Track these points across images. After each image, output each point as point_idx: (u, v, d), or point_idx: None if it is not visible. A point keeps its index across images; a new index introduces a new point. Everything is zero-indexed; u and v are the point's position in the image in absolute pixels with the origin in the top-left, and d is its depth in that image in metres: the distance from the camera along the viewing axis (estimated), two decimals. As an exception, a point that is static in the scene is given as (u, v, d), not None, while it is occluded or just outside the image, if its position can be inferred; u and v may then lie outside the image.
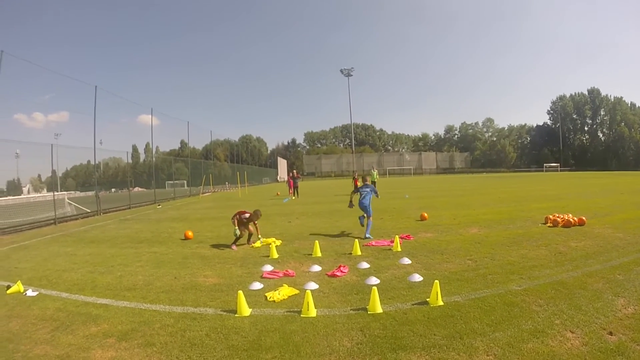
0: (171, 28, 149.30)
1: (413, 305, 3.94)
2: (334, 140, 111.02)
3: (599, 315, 3.46)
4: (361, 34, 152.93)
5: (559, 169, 74.35)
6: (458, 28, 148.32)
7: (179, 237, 9.05)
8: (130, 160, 26.86)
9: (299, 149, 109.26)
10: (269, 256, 6.49)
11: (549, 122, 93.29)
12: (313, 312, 3.78)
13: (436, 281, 4.05)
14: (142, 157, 48.78)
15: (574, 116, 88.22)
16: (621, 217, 9.34)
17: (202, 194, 29.57)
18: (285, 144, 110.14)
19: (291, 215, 12.65)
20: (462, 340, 3.10)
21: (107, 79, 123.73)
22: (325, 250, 6.77)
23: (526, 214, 10.51)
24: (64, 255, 7.53)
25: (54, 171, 16.82)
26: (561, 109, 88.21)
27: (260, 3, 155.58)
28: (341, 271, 5.29)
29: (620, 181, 27.82)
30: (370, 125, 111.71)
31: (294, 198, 21.28)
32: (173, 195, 26.80)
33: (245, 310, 3.90)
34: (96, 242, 9.03)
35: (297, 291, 4.52)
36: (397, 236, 7.00)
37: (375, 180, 22.79)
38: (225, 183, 41.47)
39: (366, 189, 8.38)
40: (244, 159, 69.03)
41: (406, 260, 5.77)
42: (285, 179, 37.16)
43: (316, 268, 5.58)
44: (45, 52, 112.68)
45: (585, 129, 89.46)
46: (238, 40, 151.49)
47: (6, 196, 19.07)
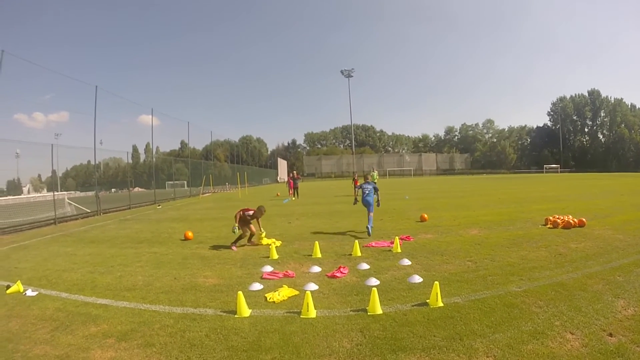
0: (171, 28, 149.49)
1: (413, 306, 3.94)
2: (334, 141, 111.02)
3: (599, 316, 3.46)
4: (361, 34, 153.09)
5: (559, 170, 74.22)
6: (458, 28, 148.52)
7: (179, 238, 9.05)
8: (130, 161, 26.85)
9: (299, 149, 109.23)
10: (268, 257, 6.49)
11: (549, 124, 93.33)
12: (313, 313, 3.78)
13: (436, 282, 4.06)
14: (142, 158, 48.74)
15: (574, 117, 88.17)
16: (621, 219, 9.34)
17: (202, 194, 29.56)
18: (286, 144, 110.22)
19: (291, 216, 12.65)
20: (462, 341, 3.10)
21: (107, 79, 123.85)
22: (325, 251, 6.77)
23: (526, 216, 10.51)
24: (64, 255, 7.53)
25: (54, 171, 16.84)
26: (561, 110, 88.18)
27: (260, 3, 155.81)
28: (341, 272, 5.29)
29: (621, 182, 27.81)
30: (371, 126, 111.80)
31: (294, 199, 21.29)
32: (173, 195, 26.80)
33: (245, 311, 3.90)
34: (96, 242, 9.04)
35: (297, 292, 4.52)
36: (397, 237, 7.00)
37: (376, 180, 22.80)
38: (226, 184, 41.45)
39: (368, 185, 8.67)
40: (244, 160, 69.09)
41: (406, 262, 5.77)
42: (285, 179, 37.15)
43: (316, 269, 5.58)
44: (45, 52, 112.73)
45: (586, 130, 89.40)
46: (238, 40, 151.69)
47: (6, 196, 19.08)
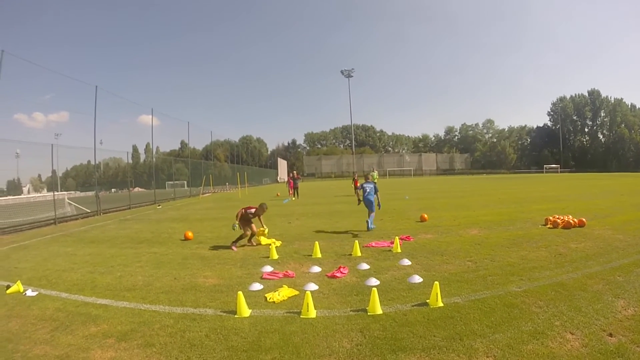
0: (171, 28, 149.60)
1: (413, 306, 3.94)
2: (334, 141, 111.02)
3: (599, 316, 3.46)
4: (361, 34, 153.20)
5: (559, 170, 74.21)
6: (458, 28, 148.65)
7: (179, 238, 9.05)
8: (130, 161, 26.83)
9: (299, 149, 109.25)
10: (268, 257, 6.49)
11: (549, 124, 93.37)
12: (313, 313, 3.78)
13: (436, 282, 4.05)
14: (142, 158, 48.72)
15: (574, 117, 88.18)
16: (621, 219, 9.34)
17: (202, 194, 29.56)
18: (286, 144, 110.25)
19: (291, 216, 12.65)
20: (462, 341, 3.10)
21: (108, 79, 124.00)
22: (325, 251, 6.77)
23: (526, 216, 10.51)
24: (64, 255, 7.53)
25: (54, 171, 16.84)
26: (561, 110, 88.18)
27: (260, 3, 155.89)
28: (341, 272, 5.28)
29: (621, 182, 27.81)
30: (371, 126, 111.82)
31: (294, 199, 21.28)
32: (173, 195, 26.80)
33: (245, 311, 3.90)
34: (96, 242, 9.04)
35: (297, 292, 4.52)
36: (397, 237, 7.00)
37: (375, 180, 22.80)
38: (226, 184, 41.46)
39: (369, 185, 9.02)
40: (244, 160, 69.08)
41: (406, 262, 5.77)
42: (285, 179, 37.15)
43: (316, 269, 5.58)
44: (46, 52, 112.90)
45: (586, 130, 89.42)
46: (238, 40, 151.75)
47: (6, 196, 19.08)
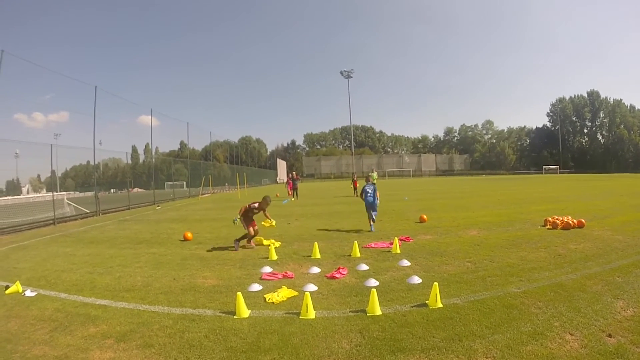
0: (171, 28, 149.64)
1: (412, 307, 3.94)
2: (333, 142, 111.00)
3: (598, 317, 3.46)
4: (361, 35, 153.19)
5: (558, 171, 74.28)
6: (458, 29, 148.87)
7: (178, 238, 9.04)
8: (129, 161, 26.83)
9: (298, 150, 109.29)
10: (268, 258, 6.49)
11: (548, 125, 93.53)
12: (312, 314, 3.78)
13: (435, 283, 4.06)
14: (142, 158, 48.79)
15: (574, 118, 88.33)
16: (620, 220, 9.35)
17: (202, 195, 29.55)
18: (285, 145, 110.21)
19: (290, 217, 12.65)
20: (461, 342, 3.10)
21: (107, 79, 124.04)
22: (325, 252, 6.77)
23: (525, 216, 10.52)
24: (63, 256, 7.52)
25: (53, 171, 16.81)
26: (560, 111, 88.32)
27: (260, 3, 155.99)
28: (340, 273, 5.28)
29: (620, 183, 27.85)
30: (370, 127, 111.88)
31: (293, 199, 21.28)
32: (172, 196, 26.78)
33: (244, 311, 3.90)
34: (95, 243, 9.02)
35: (296, 293, 4.51)
36: (396, 238, 7.00)
37: (375, 181, 22.80)
38: (225, 184, 41.45)
39: (370, 187, 9.33)
40: (244, 160, 69.06)
41: (405, 262, 5.77)
42: (285, 180, 37.13)
43: (315, 270, 5.57)
44: (45, 52, 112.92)
45: (585, 131, 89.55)
46: (238, 40, 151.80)
47: (5, 196, 19.05)
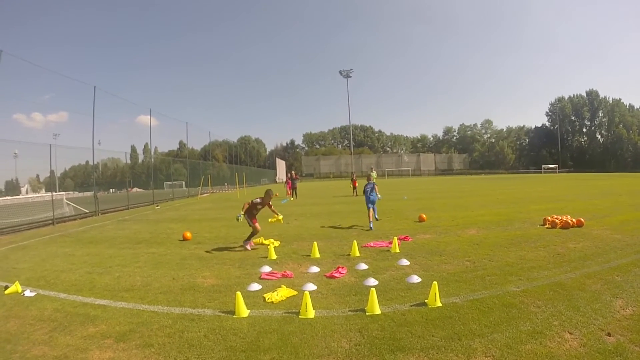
0: (171, 28, 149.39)
1: (411, 306, 3.94)
2: (332, 141, 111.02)
3: (597, 316, 3.46)
4: (361, 35, 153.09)
5: (558, 170, 74.38)
6: (458, 29, 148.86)
7: (177, 238, 9.04)
8: (128, 161, 26.77)
9: (297, 150, 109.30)
10: (267, 257, 6.49)
11: (547, 124, 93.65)
12: (311, 313, 3.78)
13: (434, 282, 4.06)
14: (141, 158, 48.70)
15: (573, 118, 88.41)
16: (619, 219, 9.37)
17: (201, 194, 29.54)
18: (284, 145, 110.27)
19: (290, 217, 12.63)
20: (461, 341, 3.11)
21: (107, 79, 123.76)
22: (324, 251, 6.77)
23: (524, 216, 10.53)
24: (62, 256, 7.51)
25: (52, 171, 16.78)
26: (560, 110, 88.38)
27: (260, 3, 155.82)
28: (339, 272, 5.28)
29: (619, 183, 27.90)
30: (369, 126, 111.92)
31: (292, 199, 21.27)
32: (171, 196, 26.76)
33: (244, 311, 3.90)
34: (94, 243, 9.01)
35: (296, 292, 4.52)
36: (396, 237, 7.00)
37: (374, 181, 22.81)
38: (224, 184, 41.43)
39: (370, 185, 9.90)
40: (243, 160, 69.12)
41: (404, 262, 5.77)
42: (284, 180, 37.12)
43: (314, 269, 5.58)
44: (45, 52, 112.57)
45: (584, 130, 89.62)
46: (238, 40, 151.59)
47: (4, 196, 19.03)
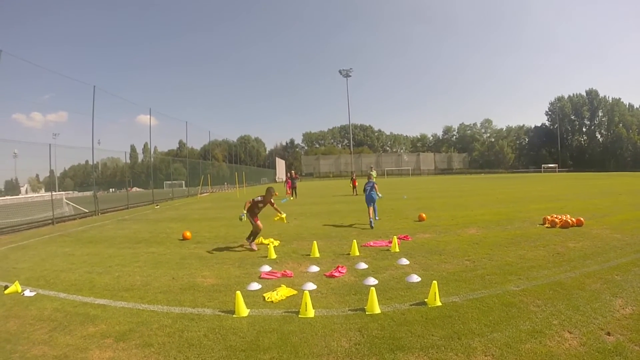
0: (171, 28, 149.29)
1: (411, 305, 3.94)
2: (332, 140, 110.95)
3: (597, 315, 3.47)
4: (361, 35, 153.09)
5: (557, 169, 74.42)
6: (458, 29, 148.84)
7: (177, 238, 9.03)
8: (128, 161, 26.72)
9: (297, 149, 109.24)
10: (267, 257, 6.49)
11: (547, 123, 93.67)
12: (311, 313, 3.78)
13: (434, 282, 4.06)
14: (140, 157, 48.56)
15: (572, 117, 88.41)
16: (619, 218, 9.38)
17: (200, 194, 29.53)
18: (284, 144, 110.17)
19: (289, 216, 12.60)
20: (460, 340, 3.11)
21: (107, 78, 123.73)
22: (324, 250, 6.77)
23: (524, 215, 10.53)
24: (62, 256, 7.50)
25: (52, 171, 16.76)
26: (559, 110, 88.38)
27: (260, 3, 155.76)
28: (339, 272, 5.29)
29: (618, 182, 27.92)
30: (369, 125, 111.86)
31: (292, 198, 21.27)
32: (171, 195, 26.74)
33: (243, 310, 3.90)
34: (94, 243, 9.01)
35: (295, 292, 4.52)
36: (395, 237, 7.00)
37: (374, 180, 22.83)
38: (224, 183, 41.41)
39: (370, 183, 10.13)
40: (242, 160, 69.09)
41: (404, 261, 5.78)
42: (284, 179, 37.13)
43: (314, 268, 5.58)
44: (45, 52, 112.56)
45: (584, 130, 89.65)
46: (238, 40, 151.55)
47: (4, 196, 19.00)
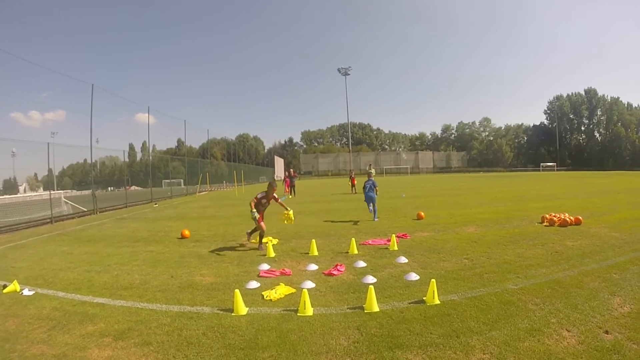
0: (171, 28, 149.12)
1: (410, 304, 3.95)
2: (331, 139, 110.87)
3: (595, 314, 3.48)
4: (361, 34, 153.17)
5: (556, 168, 74.62)
6: (458, 29, 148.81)
7: (176, 236, 9.02)
8: (127, 159, 26.67)
9: (296, 147, 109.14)
10: (265, 255, 6.49)
11: (545, 122, 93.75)
12: (310, 311, 3.78)
13: (433, 280, 4.06)
14: (139, 156, 48.45)
15: (571, 116, 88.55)
16: (617, 217, 9.40)
17: (199, 192, 29.50)
18: (282, 142, 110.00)
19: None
20: (459, 338, 3.11)
21: (106, 77, 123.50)
22: (322, 249, 6.78)
23: (523, 213, 10.55)
24: (61, 254, 7.49)
25: (50, 170, 16.78)
26: (558, 108, 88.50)
27: (260, 3, 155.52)
28: (338, 270, 5.29)
29: (617, 181, 27.99)
30: (368, 124, 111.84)
31: (290, 197, 21.26)
32: (170, 194, 26.73)
33: (242, 309, 3.90)
34: (93, 241, 8.99)
35: (294, 290, 4.52)
36: (394, 235, 7.01)
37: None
38: (222, 182, 41.39)
39: (369, 182, 10.33)
40: (241, 158, 69.06)
41: (403, 259, 5.78)
42: (282, 177, 37.11)
43: (313, 267, 5.58)
44: (44, 51, 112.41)
45: (582, 128, 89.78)
46: (238, 40, 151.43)
47: (2, 195, 18.96)
